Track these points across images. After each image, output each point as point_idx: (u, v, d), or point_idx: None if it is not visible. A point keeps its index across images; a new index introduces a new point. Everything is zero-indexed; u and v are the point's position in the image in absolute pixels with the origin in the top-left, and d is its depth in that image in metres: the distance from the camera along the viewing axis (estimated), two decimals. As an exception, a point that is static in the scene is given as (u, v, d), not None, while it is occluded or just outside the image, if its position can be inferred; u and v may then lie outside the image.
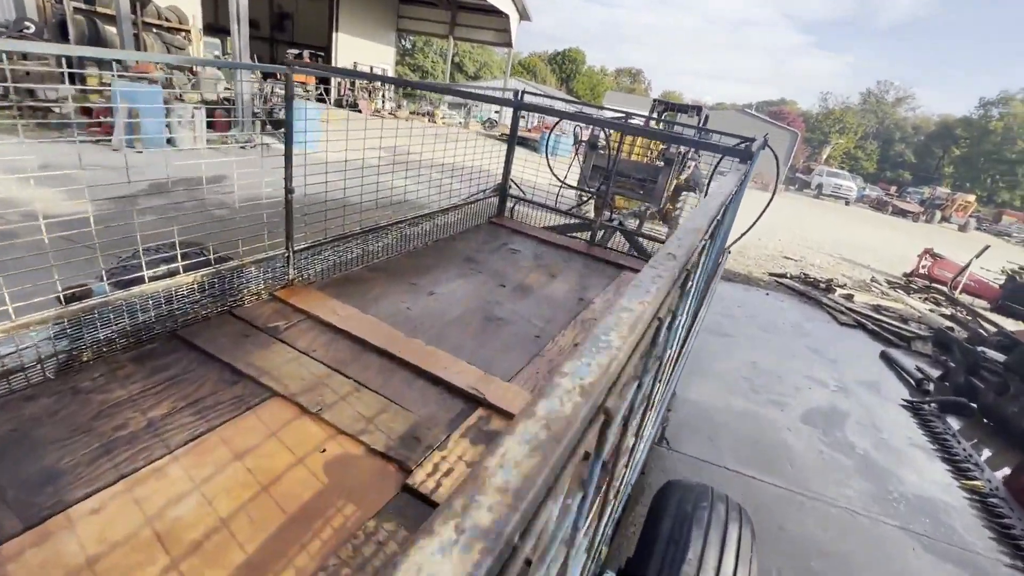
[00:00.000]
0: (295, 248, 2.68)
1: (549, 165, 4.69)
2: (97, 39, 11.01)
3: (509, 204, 4.73)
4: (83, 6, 10.86)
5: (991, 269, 11.36)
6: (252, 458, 1.65)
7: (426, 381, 2.19)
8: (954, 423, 4.44)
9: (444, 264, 3.46)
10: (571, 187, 4.81)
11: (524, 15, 21.13)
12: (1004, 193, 46.85)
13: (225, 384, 1.96)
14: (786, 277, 8.34)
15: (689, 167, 8.92)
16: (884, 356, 5.71)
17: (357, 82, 20.43)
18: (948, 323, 7.51)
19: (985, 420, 4.56)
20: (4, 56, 1.56)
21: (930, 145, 54.27)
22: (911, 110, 61.24)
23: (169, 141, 8.00)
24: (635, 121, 6.02)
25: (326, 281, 2.90)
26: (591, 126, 5.54)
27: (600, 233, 4.46)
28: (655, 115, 9.41)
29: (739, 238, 4.52)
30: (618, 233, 4.59)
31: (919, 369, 5.37)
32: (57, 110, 8.42)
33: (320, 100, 18.34)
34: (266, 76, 11.69)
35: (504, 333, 2.72)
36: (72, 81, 8.99)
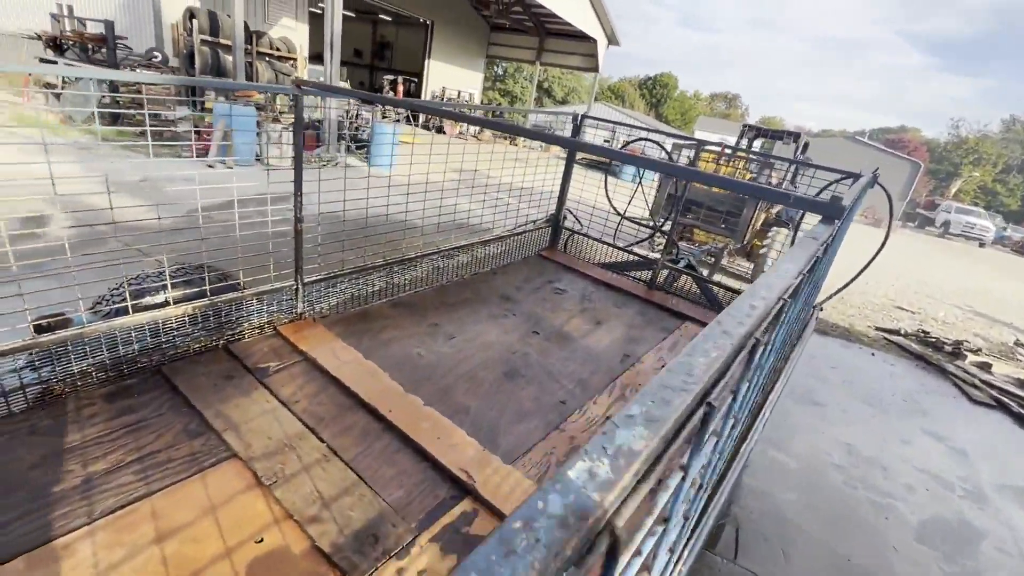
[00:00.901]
0: (305, 280, 2.48)
1: (607, 192, 4.24)
2: (218, 66, 12.29)
3: (563, 236, 4.33)
4: (208, 38, 12.18)
5: None
6: (175, 541, 1.38)
7: (411, 453, 1.83)
8: None
9: (476, 303, 3.13)
10: (630, 219, 4.31)
11: (612, 40, 20.86)
12: None
13: (186, 437, 1.74)
14: (899, 334, 7.07)
15: (782, 200, 7.97)
16: (1035, 450, 4.48)
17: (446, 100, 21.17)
18: None
19: None
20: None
21: (1095, 181, 45.88)
22: (1070, 140, 52.51)
23: (258, 158, 8.56)
24: (712, 148, 5.40)
25: (340, 316, 2.68)
26: (670, 149, 5.02)
27: (664, 274, 3.91)
28: (744, 142, 8.57)
29: (836, 293, 3.75)
30: (685, 275, 4.01)
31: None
32: (172, 129, 9.38)
33: (408, 121, 19.21)
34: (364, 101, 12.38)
35: (523, 394, 2.31)
36: (194, 104, 9.99)
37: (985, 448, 4.34)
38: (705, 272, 5.71)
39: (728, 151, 6.15)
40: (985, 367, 6.26)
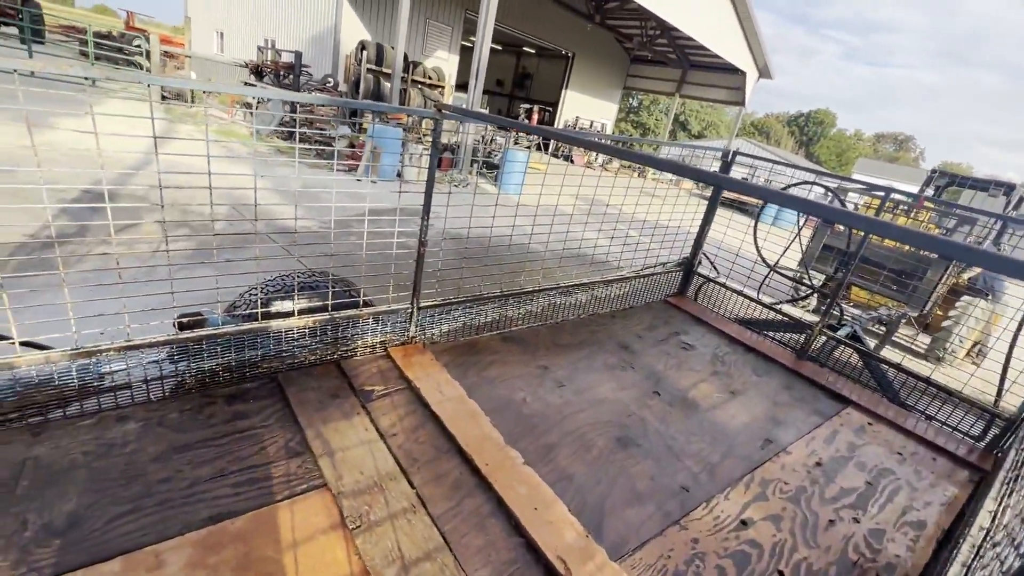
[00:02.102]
0: (420, 304, 2.42)
1: (755, 237, 3.71)
2: (378, 92, 13.73)
3: (695, 282, 3.88)
4: (373, 67, 13.69)
5: None
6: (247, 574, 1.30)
7: (503, 521, 1.60)
8: None
9: (591, 348, 2.85)
10: (781, 272, 3.71)
11: (765, 73, 19.45)
12: None
13: (285, 455, 1.70)
14: None
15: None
16: None
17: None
18: None
19: None
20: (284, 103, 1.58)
21: None
22: None
23: (399, 175, 9.24)
24: (899, 198, 4.57)
25: (450, 344, 2.58)
26: (831, 193, 4.34)
27: (820, 341, 3.27)
28: (932, 190, 7.20)
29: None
30: (847, 347, 3.32)
31: None
32: (331, 147, 10.57)
33: (540, 149, 19.67)
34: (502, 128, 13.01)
35: (638, 469, 1.97)
36: (353, 125, 11.19)
37: None
38: (872, 344, 4.75)
39: (906, 201, 5.13)
40: None
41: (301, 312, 2.10)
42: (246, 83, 13.08)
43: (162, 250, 2.15)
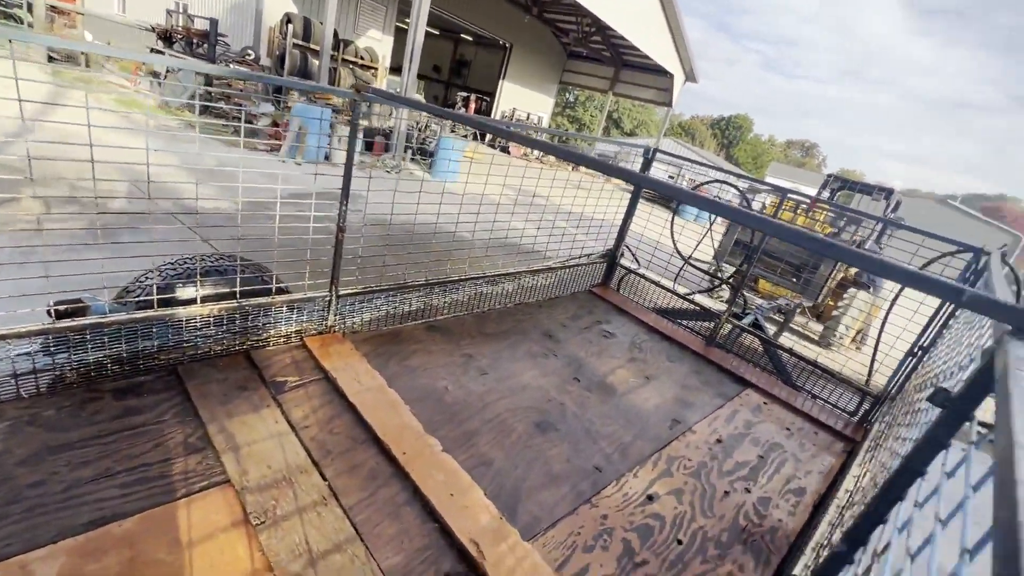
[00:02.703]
0: (340, 292, 2.34)
1: (672, 232, 3.93)
2: (305, 69, 12.96)
3: (619, 274, 4.04)
4: (300, 42, 12.89)
5: None
6: (139, 581, 1.21)
7: (419, 509, 1.60)
8: None
9: (516, 336, 2.90)
10: (695, 264, 3.96)
11: (691, 77, 20.50)
12: None
13: (183, 451, 1.59)
14: None
15: (862, 260, 7.30)
16: None
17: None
18: None
19: None
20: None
21: None
22: None
23: (327, 157, 8.82)
24: (795, 197, 4.99)
25: (371, 334, 2.52)
26: (742, 192, 4.66)
27: (727, 329, 3.53)
28: (826, 194, 7.97)
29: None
30: (750, 334, 3.61)
31: None
32: (253, 125, 9.87)
33: (476, 138, 19.53)
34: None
35: (555, 452, 2.04)
36: (277, 103, 10.50)
37: None
38: (772, 330, 5.22)
39: (806, 202, 5.66)
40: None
41: (206, 299, 1.96)
42: (153, 50, 11.86)
43: (43, 228, 1.92)
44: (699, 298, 3.82)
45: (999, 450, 0.43)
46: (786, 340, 5.45)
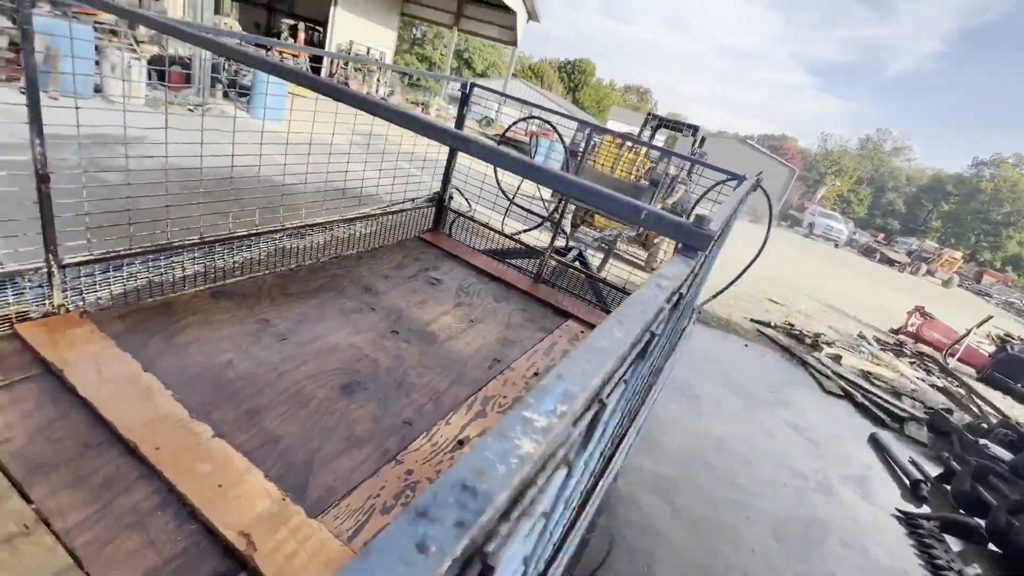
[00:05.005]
0: (65, 262, 1.82)
1: (495, 172, 3.88)
2: (52, -24, 9.95)
3: (449, 218, 3.91)
4: (38, -63, 9.80)
5: (977, 333, 10.86)
6: None
7: (174, 511, 1.35)
8: (956, 545, 3.72)
9: (327, 294, 2.63)
10: (517, 204, 4.01)
11: (532, 15, 20.40)
12: (986, 253, 47.56)
13: None
14: (769, 326, 7.65)
15: (678, 191, 8.21)
16: (874, 440, 4.99)
17: (351, 64, 19.48)
18: (944, 401, 6.87)
19: (992, 546, 3.84)
20: None
21: (921, 198, 54.88)
22: (907, 161, 62.14)
23: (97, 90, 7.03)
24: (614, 132, 5.27)
25: (127, 309, 2.05)
26: (568, 130, 4.75)
27: (552, 266, 3.66)
28: (648, 130, 8.69)
29: (715, 296, 3.77)
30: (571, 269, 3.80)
31: (914, 464, 4.65)
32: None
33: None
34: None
35: (360, 414, 1.90)
36: (12, 18, 7.95)
37: (834, 438, 4.74)
38: (599, 259, 5.63)
39: (623, 138, 6.06)
40: (837, 359, 6.96)
41: None
42: None
43: None
44: (524, 237, 3.89)
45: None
46: (618, 268, 5.97)
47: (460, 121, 3.51)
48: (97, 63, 7.07)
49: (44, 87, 6.74)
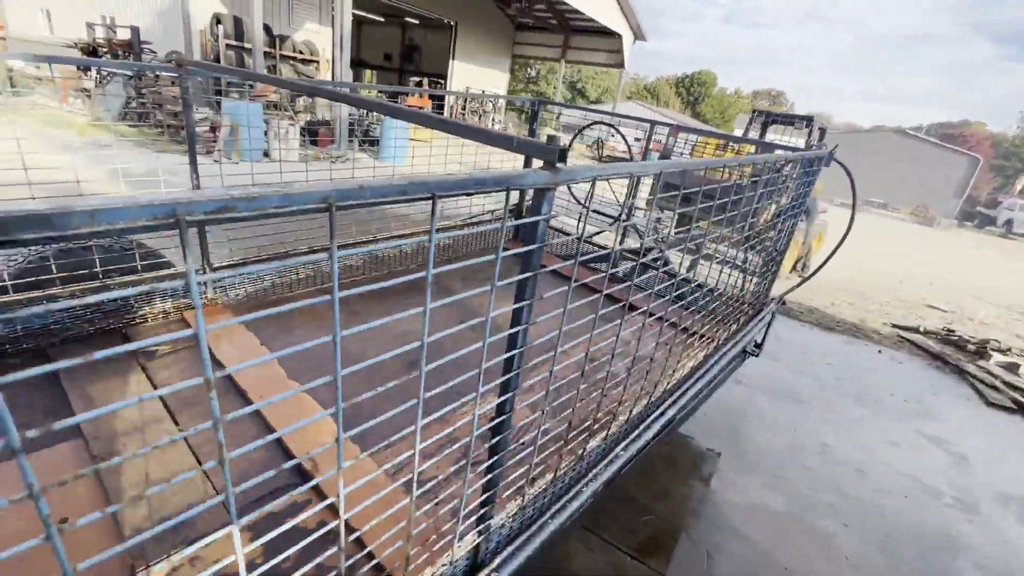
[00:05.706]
0: (214, 265, 2.46)
1: (569, 189, 4.06)
2: (242, 68, 12.77)
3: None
4: (233, 42, 12.68)
5: None
6: (-23, 518, 1.36)
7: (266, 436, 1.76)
8: None
9: (411, 292, 3.04)
10: (590, 208, 4.13)
11: (639, 35, 20.41)
12: None
13: (42, 415, 1.73)
14: (917, 331, 6.51)
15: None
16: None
17: (468, 104, 21.26)
18: None
19: None
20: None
21: None
22: None
23: (265, 153, 8.79)
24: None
25: (258, 302, 2.65)
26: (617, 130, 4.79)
27: (623, 266, 3.71)
28: (759, 127, 8.15)
29: (797, 286, 3.45)
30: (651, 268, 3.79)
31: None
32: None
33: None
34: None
35: (418, 385, 2.20)
36: (214, 105, 10.38)
37: (991, 454, 3.89)
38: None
39: (712, 135, 5.81)
40: (1012, 368, 5.67)
41: (68, 281, 2.08)
42: (78, 67, 11.59)
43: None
44: (599, 239, 3.99)
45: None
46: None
47: (531, 134, 3.81)
48: (265, 133, 8.87)
49: (228, 154, 8.66)
